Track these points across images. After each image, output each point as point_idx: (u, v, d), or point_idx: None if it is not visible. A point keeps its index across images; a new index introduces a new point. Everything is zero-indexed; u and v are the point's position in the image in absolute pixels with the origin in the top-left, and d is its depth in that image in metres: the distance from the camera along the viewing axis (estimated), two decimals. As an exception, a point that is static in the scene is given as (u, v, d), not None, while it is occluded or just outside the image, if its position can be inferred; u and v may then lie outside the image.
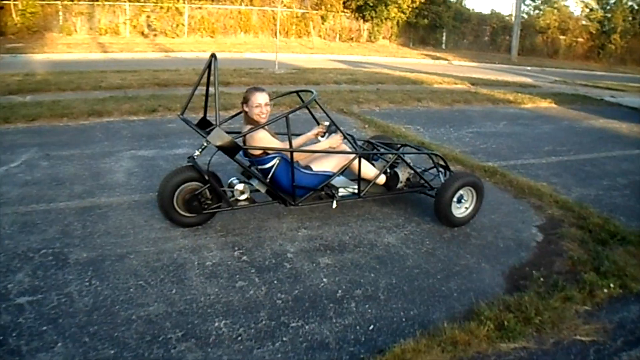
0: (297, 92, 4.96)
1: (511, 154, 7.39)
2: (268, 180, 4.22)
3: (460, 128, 8.81)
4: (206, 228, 4.40)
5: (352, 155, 4.47)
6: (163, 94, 9.86)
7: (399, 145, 5.45)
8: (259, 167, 4.26)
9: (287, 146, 4.12)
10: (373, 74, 15.45)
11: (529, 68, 25.44)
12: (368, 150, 5.23)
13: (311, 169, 4.38)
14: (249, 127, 4.16)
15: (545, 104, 12.10)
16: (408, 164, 4.80)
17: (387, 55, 25.41)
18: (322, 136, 4.74)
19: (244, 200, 4.34)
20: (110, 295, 3.41)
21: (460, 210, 4.74)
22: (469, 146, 7.65)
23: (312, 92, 4.44)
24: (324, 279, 3.72)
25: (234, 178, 4.42)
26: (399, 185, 4.84)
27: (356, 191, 4.61)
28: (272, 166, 4.20)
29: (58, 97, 9.41)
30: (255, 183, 4.40)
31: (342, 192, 4.64)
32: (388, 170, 4.86)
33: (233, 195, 4.31)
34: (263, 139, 4.11)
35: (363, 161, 4.59)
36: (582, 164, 7.17)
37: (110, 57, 17.87)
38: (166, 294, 3.46)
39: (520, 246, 4.45)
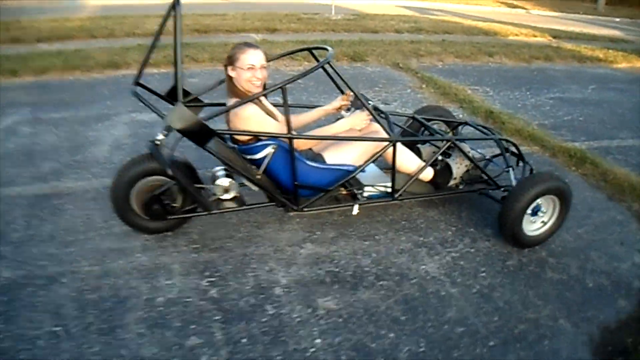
0: (309, 49, 3.60)
1: (603, 131, 5.82)
2: (259, 176, 2.99)
3: (538, 92, 7.21)
4: (177, 236, 3.26)
5: (384, 143, 3.16)
6: (196, 42, 8.70)
7: (455, 124, 4.07)
8: (248, 157, 3.01)
9: (283, 130, 2.86)
10: (440, 22, 13.67)
11: (618, 20, 22.41)
12: (408, 133, 3.90)
13: (323, 161, 3.12)
14: (233, 100, 2.92)
15: (642, 63, 10.14)
16: (466, 155, 3.43)
17: (459, 2, 23.10)
18: (348, 110, 3.44)
19: (230, 200, 3.13)
20: (6, 350, 2.35)
21: (534, 226, 3.39)
22: (549, 117, 6.11)
23: (327, 50, 3.11)
24: (317, 340, 2.51)
25: (219, 168, 3.20)
26: (452, 182, 3.52)
27: (389, 190, 3.31)
28: (265, 157, 2.96)
29: (86, 45, 8.47)
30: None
31: (369, 191, 3.35)
32: (438, 160, 3.53)
33: (215, 194, 3.11)
34: (251, 117, 2.87)
35: (401, 148, 3.28)
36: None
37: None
38: (83, 353, 2.35)
39: (617, 288, 3.09)
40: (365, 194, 3.33)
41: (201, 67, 7.34)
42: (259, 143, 2.92)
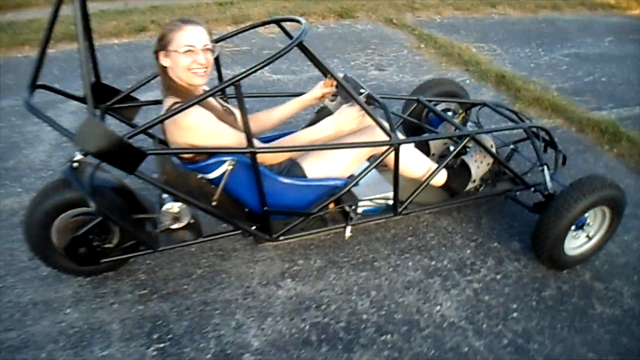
0: (276, 21, 2.71)
1: (632, 94, 5.03)
2: (214, 202, 2.22)
3: (551, 48, 6.36)
4: (120, 277, 2.52)
5: (383, 147, 2.38)
6: (166, 4, 7.73)
7: (469, 105, 3.29)
8: (200, 176, 2.23)
9: (243, 140, 2.08)
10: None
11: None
12: (412, 126, 3.13)
13: (302, 174, 2.36)
14: (171, 100, 2.12)
15: (659, 7, 9.22)
16: (489, 150, 2.67)
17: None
18: (333, 99, 2.65)
19: (182, 230, 2.37)
20: None
21: (577, 242, 2.68)
22: (569, 79, 5.30)
23: (299, 22, 2.28)
24: None
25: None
26: (470, 186, 2.76)
27: (391, 202, 2.56)
28: (221, 176, 2.18)
29: (43, 13, 7.48)
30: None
31: (364, 205, 2.60)
32: (453, 160, 2.76)
33: (162, 224, 2.35)
34: (196, 127, 2.07)
35: (405, 149, 2.49)
36: None
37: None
38: None
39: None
40: (359, 210, 2.58)
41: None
42: (211, 160, 2.14)
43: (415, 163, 2.58)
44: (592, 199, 2.41)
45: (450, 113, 3.32)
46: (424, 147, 2.96)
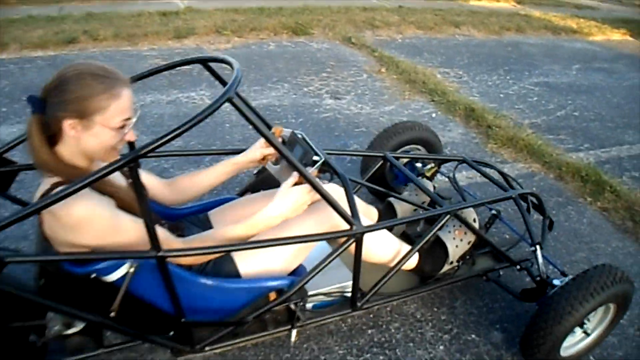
0: (202, 60, 2.08)
1: (606, 132, 4.66)
2: (113, 309, 1.60)
3: (519, 75, 5.97)
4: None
5: (342, 235, 1.79)
6: (104, 12, 7.03)
7: (445, 160, 2.77)
8: (94, 275, 1.60)
9: (142, 238, 1.46)
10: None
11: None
12: (376, 191, 2.58)
13: (233, 272, 1.77)
14: (49, 182, 1.48)
15: (618, 36, 9.03)
16: (471, 227, 2.14)
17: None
18: (276, 162, 2.08)
19: (77, 337, 1.74)
20: None
21: (572, 340, 2.18)
22: (541, 113, 4.89)
23: (231, 65, 1.66)
24: None
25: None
26: (445, 268, 2.22)
27: (349, 294, 2.00)
28: (121, 279, 1.55)
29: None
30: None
31: (316, 300, 2.03)
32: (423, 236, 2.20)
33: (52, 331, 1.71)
34: (85, 223, 1.42)
35: (371, 233, 1.91)
36: None
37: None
38: None
39: None
40: (309, 304, 2.01)
41: (102, 46, 5.76)
42: (106, 261, 1.52)
43: (381, 248, 2.03)
44: (601, 298, 1.92)
45: (419, 165, 2.80)
46: (390, 211, 2.43)
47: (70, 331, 1.70)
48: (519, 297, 2.26)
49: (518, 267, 2.31)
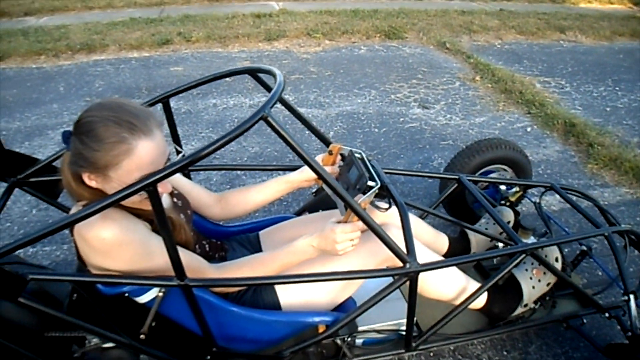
0: (249, 71, 1.93)
1: None
2: (143, 336, 1.51)
3: (631, 86, 5.46)
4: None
5: (394, 274, 1.60)
6: (201, 14, 7.17)
7: (530, 186, 2.48)
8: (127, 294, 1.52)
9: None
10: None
11: None
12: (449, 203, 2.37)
13: (273, 303, 1.64)
14: (81, 204, 1.39)
15: None
16: (550, 267, 1.89)
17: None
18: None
19: (117, 350, 1.67)
20: None
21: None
22: (653, 130, 4.42)
23: (274, 75, 1.52)
24: None
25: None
26: (519, 311, 1.98)
27: (403, 332, 1.81)
28: (152, 301, 1.46)
29: (76, 19, 7.03)
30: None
31: (367, 336, 1.86)
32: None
33: None
34: (113, 247, 1.32)
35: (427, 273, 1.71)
36: None
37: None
38: None
39: None
40: (359, 341, 1.85)
41: (194, 48, 5.84)
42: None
43: (442, 284, 1.83)
44: None
45: (503, 187, 2.55)
46: (463, 240, 2.22)
47: (108, 344, 1.63)
48: (605, 352, 1.98)
49: (607, 314, 2.01)
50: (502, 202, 2.50)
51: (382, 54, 5.89)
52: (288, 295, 1.63)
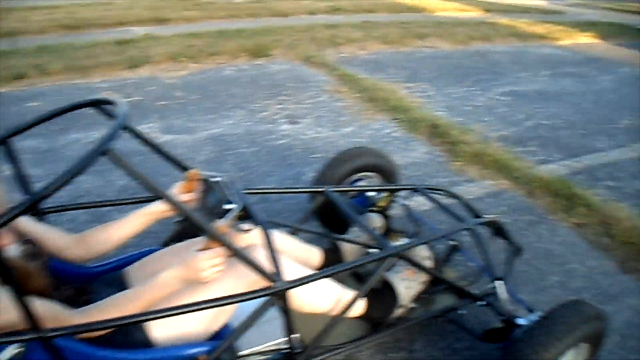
0: (89, 104, 1.79)
1: (578, 140, 4.47)
2: None
3: (487, 85, 5.80)
4: None
5: (262, 295, 1.53)
6: (56, 44, 6.77)
7: (396, 189, 2.50)
8: None
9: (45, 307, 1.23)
10: (361, -3, 12.11)
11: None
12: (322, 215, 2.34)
13: (143, 340, 1.51)
14: None
15: (585, 39, 8.97)
16: (421, 267, 1.90)
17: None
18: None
19: None
20: None
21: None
22: (509, 125, 4.70)
23: (114, 105, 1.42)
24: None
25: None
26: (398, 312, 1.97)
27: (287, 349, 1.74)
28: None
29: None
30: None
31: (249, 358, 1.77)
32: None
33: None
34: None
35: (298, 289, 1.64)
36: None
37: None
38: None
39: None
40: None
41: (52, 80, 5.49)
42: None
43: (316, 297, 1.79)
44: (570, 341, 1.68)
45: (371, 194, 2.56)
46: (335, 251, 2.19)
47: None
48: (482, 338, 2.02)
49: (482, 303, 2.06)
50: (372, 208, 2.51)
51: (249, 73, 5.85)
52: (159, 331, 1.52)
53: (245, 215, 1.61)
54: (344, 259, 2.19)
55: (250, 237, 1.69)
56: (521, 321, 1.86)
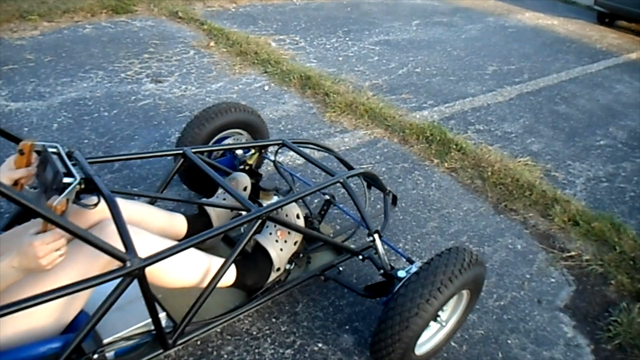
0: None
1: (449, 86, 4.52)
2: None
3: (359, 35, 5.72)
4: None
5: (116, 276, 1.30)
6: None
7: (262, 146, 2.32)
8: None
9: None
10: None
11: None
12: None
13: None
14: None
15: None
16: (292, 225, 1.76)
17: None
18: (36, 187, 1.54)
19: None
20: None
21: (428, 334, 1.88)
22: (382, 73, 4.65)
23: None
24: None
25: None
26: (273, 276, 1.83)
27: (154, 331, 1.54)
28: None
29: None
30: None
31: (118, 346, 1.54)
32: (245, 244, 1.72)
33: None
34: None
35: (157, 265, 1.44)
36: (549, 99, 4.58)
37: None
38: None
39: None
40: (109, 354, 1.53)
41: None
42: None
43: (179, 271, 1.59)
44: (451, 290, 1.61)
45: (240, 152, 2.37)
46: (203, 217, 1.99)
47: None
48: (364, 294, 1.92)
49: (361, 257, 1.95)
50: (241, 167, 2.33)
51: (110, 31, 5.34)
52: (1, 331, 1.26)
53: (91, 188, 1.39)
54: (213, 224, 2.00)
55: (100, 212, 1.46)
56: (401, 274, 1.78)
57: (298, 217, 1.82)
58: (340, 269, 2.00)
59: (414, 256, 2.39)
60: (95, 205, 1.37)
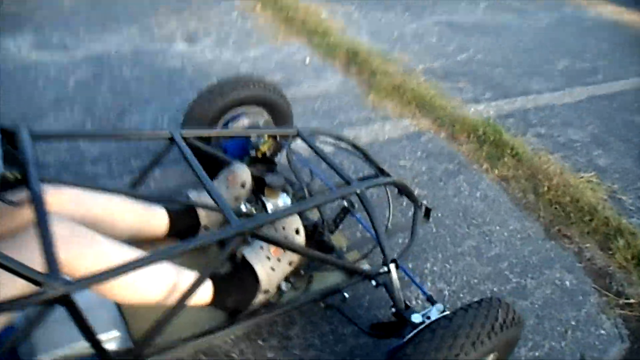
0: None
1: (512, 79, 4.04)
2: None
3: (420, 12, 5.24)
4: None
5: (34, 302, 0.97)
6: None
7: (275, 135, 1.97)
8: None
9: None
10: None
11: None
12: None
13: None
14: None
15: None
16: (276, 242, 1.40)
17: None
18: None
19: None
20: None
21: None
22: (439, 56, 4.19)
23: None
24: None
25: None
26: (261, 298, 1.48)
27: (129, 342, 1.24)
28: None
29: None
30: None
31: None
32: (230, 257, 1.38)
33: None
34: None
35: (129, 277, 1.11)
36: (624, 107, 4.03)
37: None
38: None
39: None
40: None
41: None
42: None
43: (139, 285, 1.26)
44: (477, 353, 1.23)
45: (253, 139, 2.01)
46: (190, 213, 1.66)
47: None
48: (369, 332, 1.56)
49: (375, 283, 1.59)
50: (253, 153, 1.98)
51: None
52: None
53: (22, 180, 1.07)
54: (201, 223, 1.67)
55: (30, 213, 1.13)
56: (416, 318, 1.41)
57: (297, 232, 1.46)
58: (346, 295, 1.62)
59: (441, 281, 2.02)
60: (17, 204, 1.05)
